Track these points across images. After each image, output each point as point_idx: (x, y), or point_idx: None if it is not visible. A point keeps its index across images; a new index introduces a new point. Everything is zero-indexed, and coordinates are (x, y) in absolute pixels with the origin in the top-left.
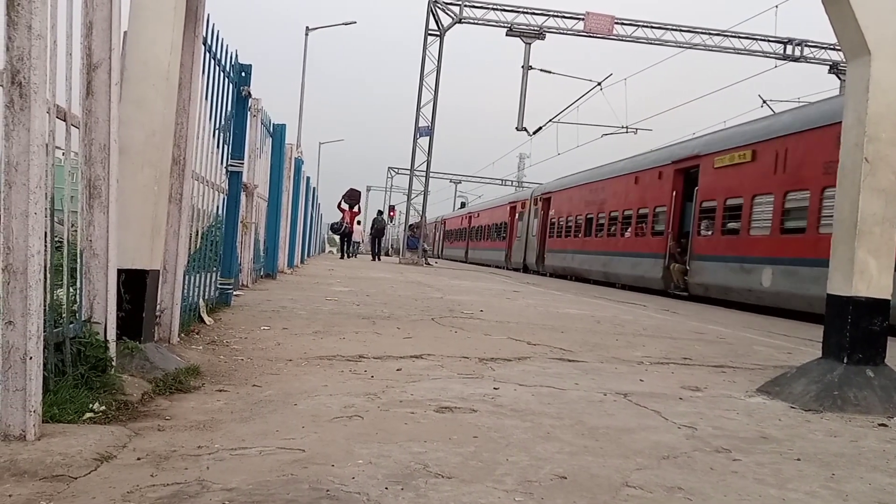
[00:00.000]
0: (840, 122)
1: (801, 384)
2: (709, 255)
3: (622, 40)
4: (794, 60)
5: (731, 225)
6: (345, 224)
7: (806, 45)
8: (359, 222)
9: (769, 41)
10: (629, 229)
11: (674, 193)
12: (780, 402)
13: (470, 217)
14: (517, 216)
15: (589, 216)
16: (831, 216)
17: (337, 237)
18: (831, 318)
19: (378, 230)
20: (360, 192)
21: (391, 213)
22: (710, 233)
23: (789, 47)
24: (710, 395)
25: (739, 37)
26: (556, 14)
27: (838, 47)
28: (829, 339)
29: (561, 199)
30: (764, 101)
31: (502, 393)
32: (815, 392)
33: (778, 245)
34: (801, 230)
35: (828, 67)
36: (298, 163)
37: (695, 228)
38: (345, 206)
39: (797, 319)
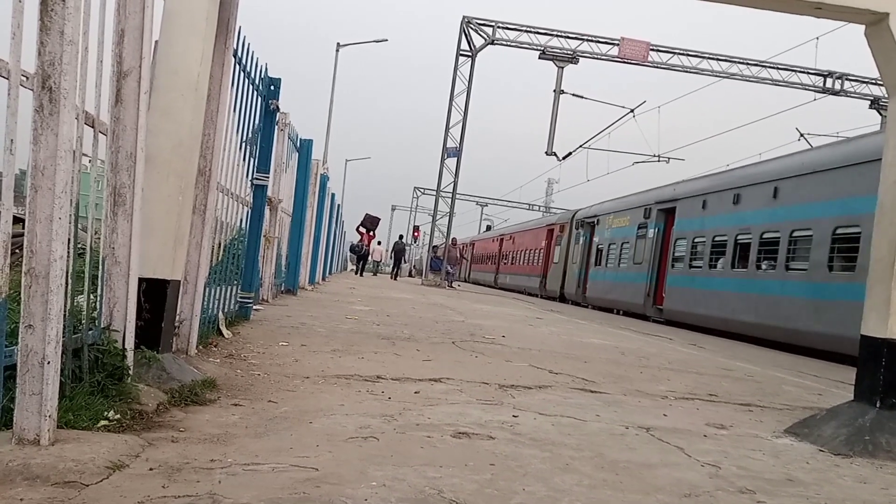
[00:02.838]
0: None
1: (831, 427)
2: (502, 273)
3: (657, 67)
4: (834, 94)
5: (508, 261)
6: (363, 246)
7: (846, 79)
8: (379, 242)
9: (808, 73)
10: (489, 262)
11: (498, 249)
12: (808, 444)
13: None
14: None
15: (481, 254)
16: (512, 260)
17: (355, 256)
18: (864, 361)
19: (398, 251)
20: (379, 219)
21: (415, 234)
22: (504, 264)
23: (829, 80)
24: (735, 433)
25: (778, 68)
26: (590, 38)
27: (880, 82)
28: (862, 382)
29: (476, 245)
30: (801, 135)
31: (521, 421)
32: (846, 436)
33: (510, 269)
34: (506, 263)
35: (869, 102)
36: (324, 179)
37: (501, 262)
38: (363, 229)
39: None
